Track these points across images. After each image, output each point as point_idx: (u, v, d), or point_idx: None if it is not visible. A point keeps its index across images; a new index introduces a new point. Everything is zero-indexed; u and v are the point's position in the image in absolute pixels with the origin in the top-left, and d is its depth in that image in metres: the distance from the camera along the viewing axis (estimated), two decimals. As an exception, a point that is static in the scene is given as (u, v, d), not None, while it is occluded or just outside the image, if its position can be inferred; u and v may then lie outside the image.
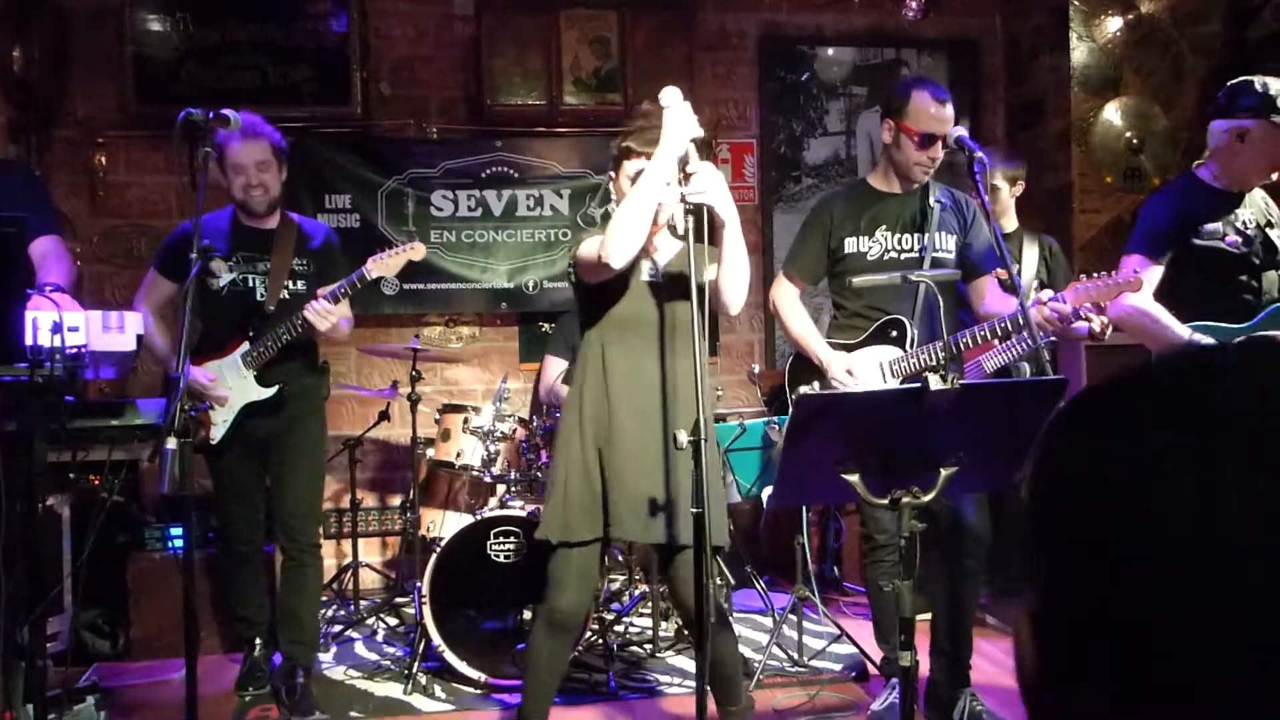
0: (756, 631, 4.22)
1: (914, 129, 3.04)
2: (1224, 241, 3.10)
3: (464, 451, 3.96)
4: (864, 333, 3.13)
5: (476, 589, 3.61)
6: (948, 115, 3.04)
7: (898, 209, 3.15)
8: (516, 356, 5.26)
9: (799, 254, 3.29)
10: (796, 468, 2.17)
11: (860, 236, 3.15)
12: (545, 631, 2.78)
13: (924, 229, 3.10)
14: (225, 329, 3.47)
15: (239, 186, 3.44)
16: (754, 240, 5.45)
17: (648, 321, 2.71)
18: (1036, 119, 5.47)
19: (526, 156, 5.15)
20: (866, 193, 3.22)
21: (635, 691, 3.62)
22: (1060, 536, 0.54)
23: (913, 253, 3.10)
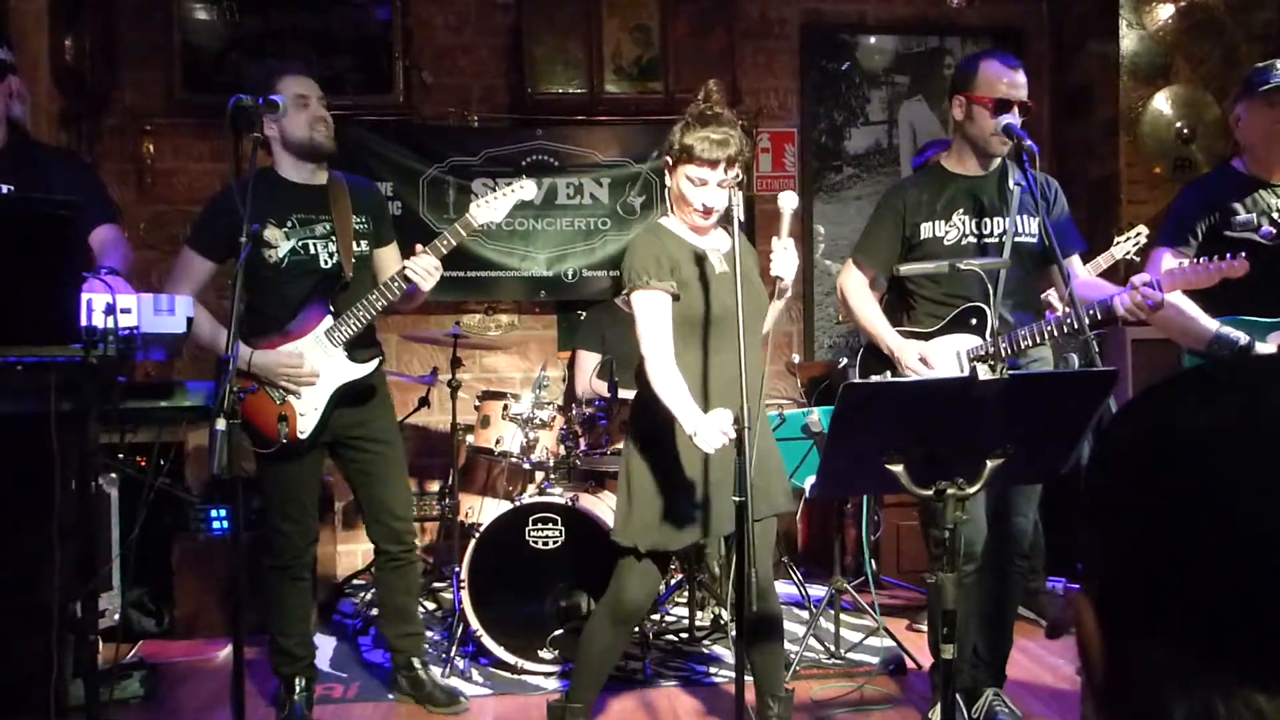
0: (793, 623, 4.21)
1: (987, 96, 2.90)
2: (1258, 233, 3.04)
3: (503, 438, 3.98)
4: (942, 320, 2.99)
5: (514, 575, 3.63)
6: (1021, 81, 2.93)
7: (975, 191, 3.01)
8: (555, 344, 5.27)
9: (871, 241, 3.13)
10: (840, 458, 2.16)
11: (937, 221, 3.00)
12: (610, 624, 2.80)
13: (1004, 212, 2.97)
14: (292, 305, 3.09)
15: (304, 122, 3.06)
16: (794, 230, 5.40)
17: (710, 314, 2.69)
18: (1083, 108, 5.39)
19: (567, 145, 5.16)
20: (941, 175, 3.07)
21: (672, 679, 3.63)
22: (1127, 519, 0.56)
23: (993, 237, 2.97)
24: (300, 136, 3.09)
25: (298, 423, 3.09)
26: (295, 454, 3.12)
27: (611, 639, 2.81)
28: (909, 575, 4.71)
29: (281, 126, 3.08)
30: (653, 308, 2.63)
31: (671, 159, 2.69)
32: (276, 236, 3.09)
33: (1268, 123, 3.04)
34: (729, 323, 2.60)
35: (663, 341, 2.61)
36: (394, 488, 3.30)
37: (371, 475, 3.27)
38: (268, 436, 3.09)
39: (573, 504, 3.62)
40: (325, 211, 3.15)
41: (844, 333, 5.38)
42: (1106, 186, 5.15)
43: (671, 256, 2.66)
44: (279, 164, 3.17)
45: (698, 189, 2.65)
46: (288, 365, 3.06)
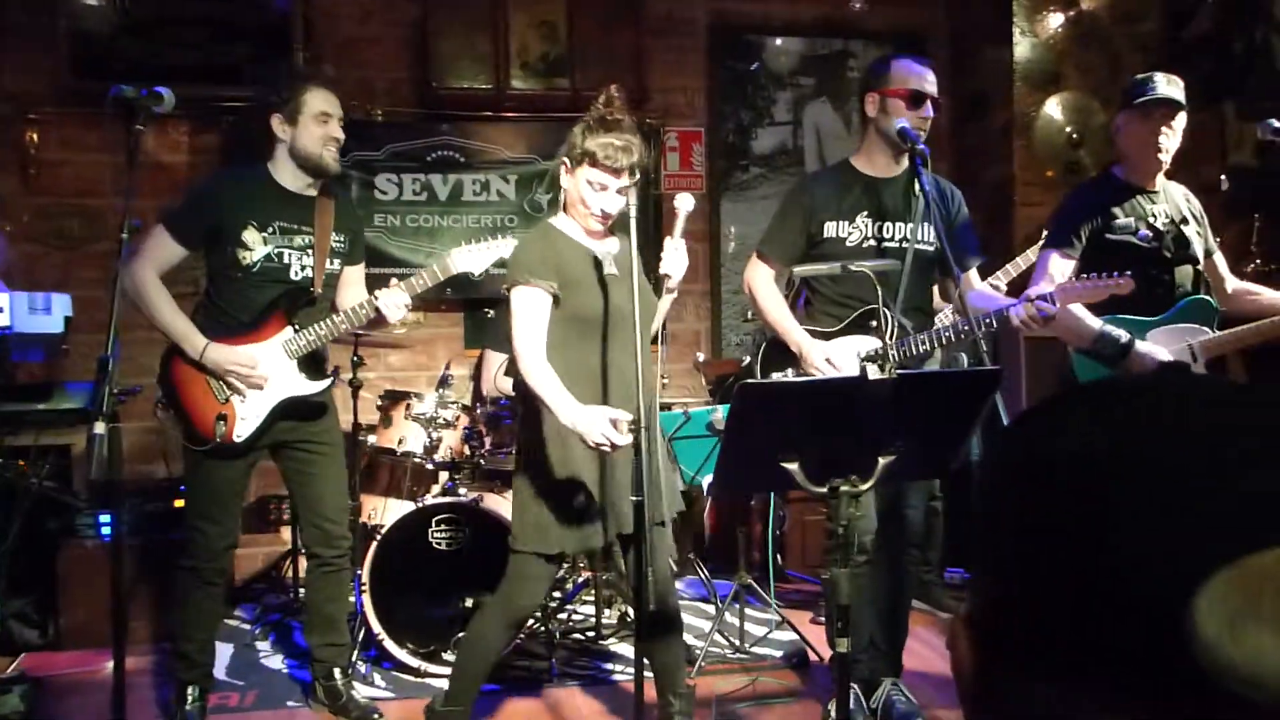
0: (699, 618, 4.24)
1: (901, 89, 2.97)
2: (1135, 236, 3.17)
3: (406, 438, 3.92)
4: (842, 321, 3.02)
5: (417, 577, 3.58)
6: (931, 78, 3.01)
7: (881, 193, 3.05)
8: (461, 343, 5.22)
9: (777, 235, 3.14)
10: (737, 457, 2.18)
11: (841, 221, 3.03)
12: (500, 625, 2.78)
13: (907, 217, 3.02)
14: (256, 309, 3.06)
15: (319, 138, 3.04)
16: (702, 229, 5.46)
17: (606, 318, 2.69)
18: (980, 112, 5.54)
19: (473, 141, 5.10)
20: (850, 174, 3.10)
21: (578, 679, 3.62)
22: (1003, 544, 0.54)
23: (893, 242, 3.01)
24: (311, 151, 3.07)
25: (236, 425, 3.04)
26: (227, 455, 3.07)
27: (499, 640, 2.79)
28: (813, 569, 4.78)
29: (294, 135, 3.06)
30: (529, 305, 2.63)
31: (571, 161, 2.68)
32: (254, 240, 3.05)
33: (1144, 133, 3.16)
34: (622, 325, 2.62)
35: (536, 339, 2.60)
36: (332, 490, 3.27)
37: (311, 475, 3.23)
38: (202, 433, 3.04)
39: (476, 504, 3.59)
40: (309, 224, 3.12)
41: (751, 330, 5.44)
42: (1002, 189, 5.31)
43: (559, 257, 2.66)
44: (277, 168, 3.13)
45: (597, 194, 2.65)
46: (241, 364, 3.01)
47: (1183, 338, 3.16)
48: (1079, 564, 0.49)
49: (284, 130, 3.07)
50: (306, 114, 3.04)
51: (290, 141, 3.08)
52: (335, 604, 3.33)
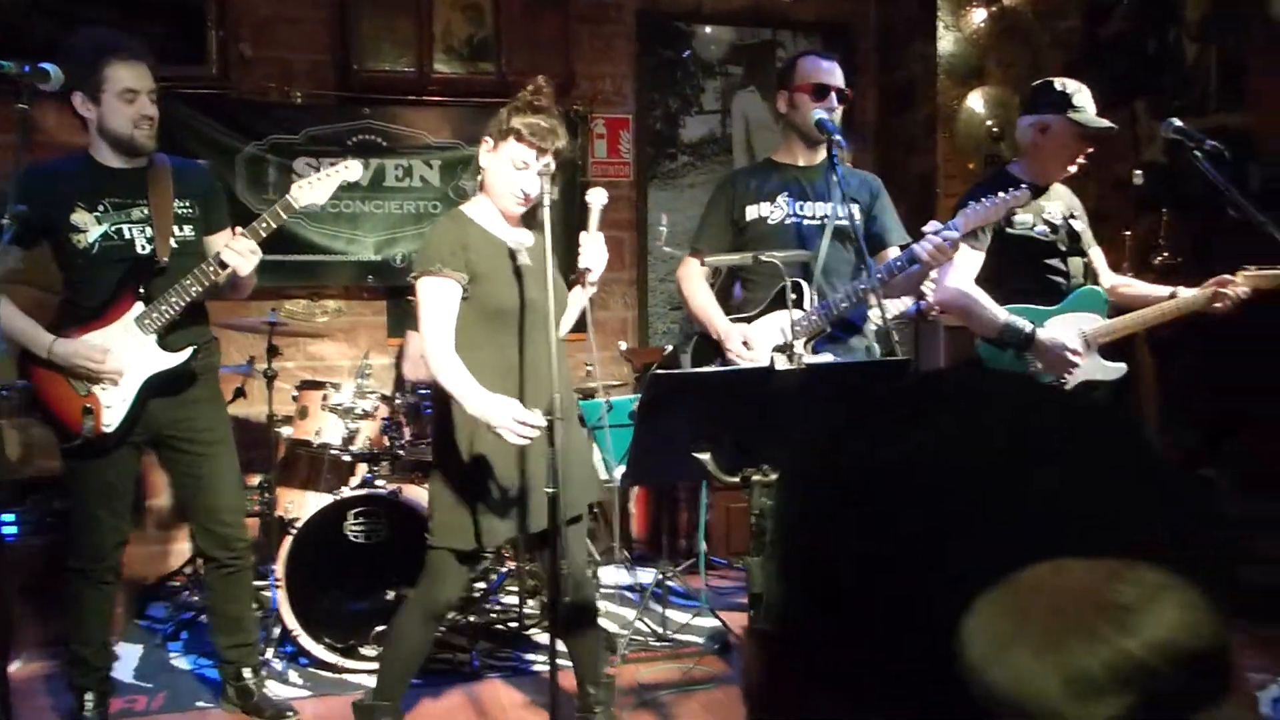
0: (623, 607, 4.24)
1: (806, 83, 3.11)
2: (1034, 231, 3.28)
3: (323, 429, 3.84)
4: (765, 301, 3.09)
5: (334, 571, 3.52)
6: (836, 71, 3.15)
7: (801, 178, 3.17)
8: (384, 331, 5.13)
9: (704, 230, 3.26)
10: (649, 446, 2.17)
11: (762, 202, 3.14)
12: (421, 621, 2.73)
13: (827, 197, 3.13)
14: (103, 292, 2.91)
15: (128, 117, 2.86)
16: (629, 217, 5.44)
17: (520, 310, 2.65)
18: (906, 105, 5.60)
19: (396, 125, 5.00)
20: (770, 165, 3.26)
21: (500, 670, 3.59)
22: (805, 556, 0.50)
23: (814, 219, 3.12)
24: (120, 131, 2.90)
25: (103, 415, 2.90)
26: (104, 449, 2.93)
27: (422, 636, 2.75)
28: (738, 555, 4.81)
29: (100, 114, 2.88)
30: (438, 296, 2.58)
31: (494, 138, 2.65)
32: (86, 221, 2.90)
33: (1073, 148, 3.25)
34: (536, 317, 2.59)
35: (444, 331, 2.56)
36: (223, 491, 3.12)
37: (198, 478, 3.09)
38: (71, 430, 2.90)
39: (395, 496, 3.53)
40: (142, 196, 2.97)
41: (678, 319, 5.44)
42: (926, 180, 5.38)
43: (471, 247, 2.61)
44: (94, 147, 2.96)
45: (518, 172, 2.62)
46: (87, 355, 2.87)
47: (1077, 325, 3.28)
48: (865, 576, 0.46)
49: (88, 109, 2.87)
50: (110, 91, 2.84)
51: (97, 121, 2.89)
52: (238, 604, 3.22)
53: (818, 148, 3.14)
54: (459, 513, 2.63)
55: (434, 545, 2.66)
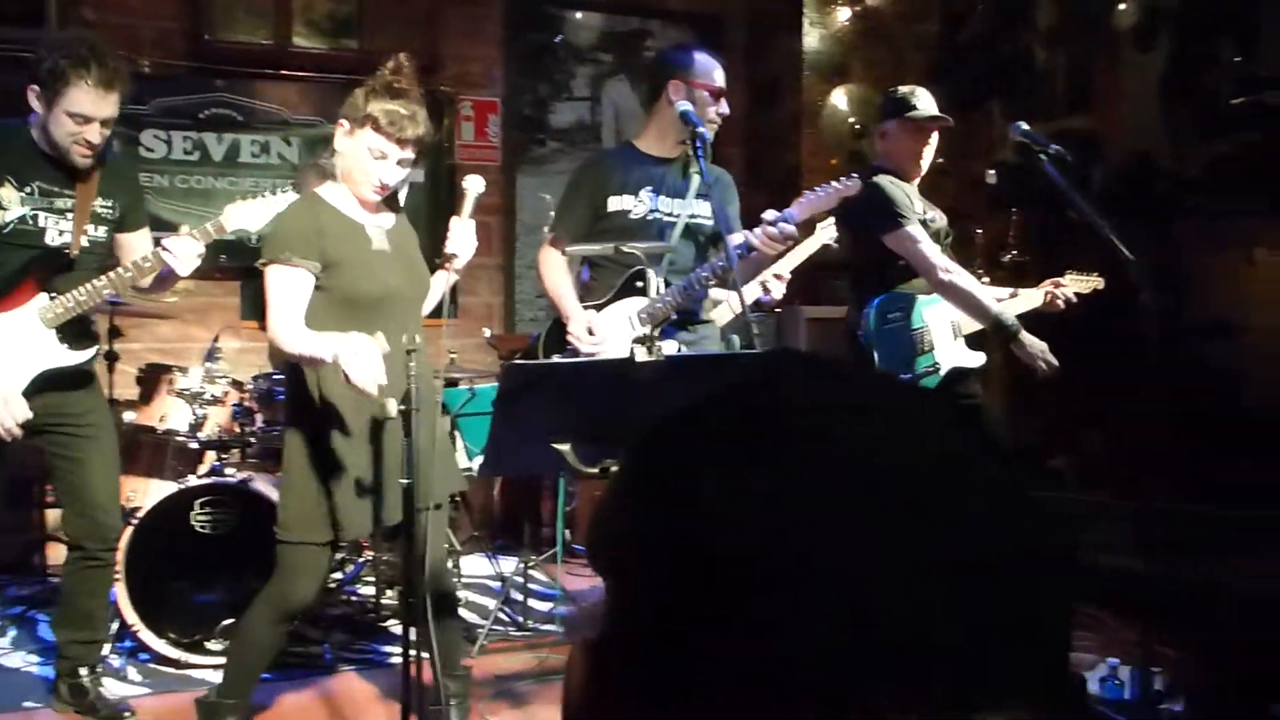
0: (484, 596, 4.20)
1: (709, 84, 3.12)
2: (927, 219, 3.49)
3: (168, 415, 3.67)
4: (613, 289, 3.11)
5: (179, 563, 3.37)
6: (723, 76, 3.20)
7: (663, 172, 3.19)
8: (238, 313, 4.93)
9: (565, 215, 3.24)
10: (506, 437, 2.15)
11: (625, 194, 3.14)
12: (272, 619, 2.63)
13: (684, 194, 3.16)
14: (5, 277, 2.78)
15: (67, 135, 2.72)
16: (497, 203, 5.37)
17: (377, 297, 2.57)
18: (772, 99, 5.70)
19: (252, 99, 4.81)
20: (633, 154, 3.24)
21: (354, 663, 3.51)
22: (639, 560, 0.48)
23: (671, 215, 3.16)
24: (60, 144, 2.75)
25: None
26: None
27: (272, 634, 2.66)
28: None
29: (46, 117, 2.73)
30: (287, 286, 2.48)
31: (351, 123, 2.55)
32: (10, 198, 2.77)
33: (911, 144, 3.49)
34: (393, 304, 2.53)
35: (295, 319, 2.47)
36: (103, 477, 3.00)
37: (78, 461, 2.97)
38: None
39: (245, 485, 3.41)
40: (71, 187, 2.85)
41: (545, 305, 5.41)
42: (790, 175, 5.49)
43: (325, 233, 2.53)
44: (36, 130, 2.80)
45: (376, 162, 2.54)
46: None
47: (949, 314, 3.49)
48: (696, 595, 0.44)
49: (38, 105, 2.74)
50: (60, 108, 2.71)
51: (42, 120, 2.76)
52: (95, 599, 3.07)
53: (683, 142, 3.16)
54: (313, 505, 2.55)
55: (286, 540, 2.57)
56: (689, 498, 0.45)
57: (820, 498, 0.44)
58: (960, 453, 0.47)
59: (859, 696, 0.41)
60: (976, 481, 0.46)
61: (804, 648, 0.41)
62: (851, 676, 0.41)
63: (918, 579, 0.42)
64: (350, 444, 2.54)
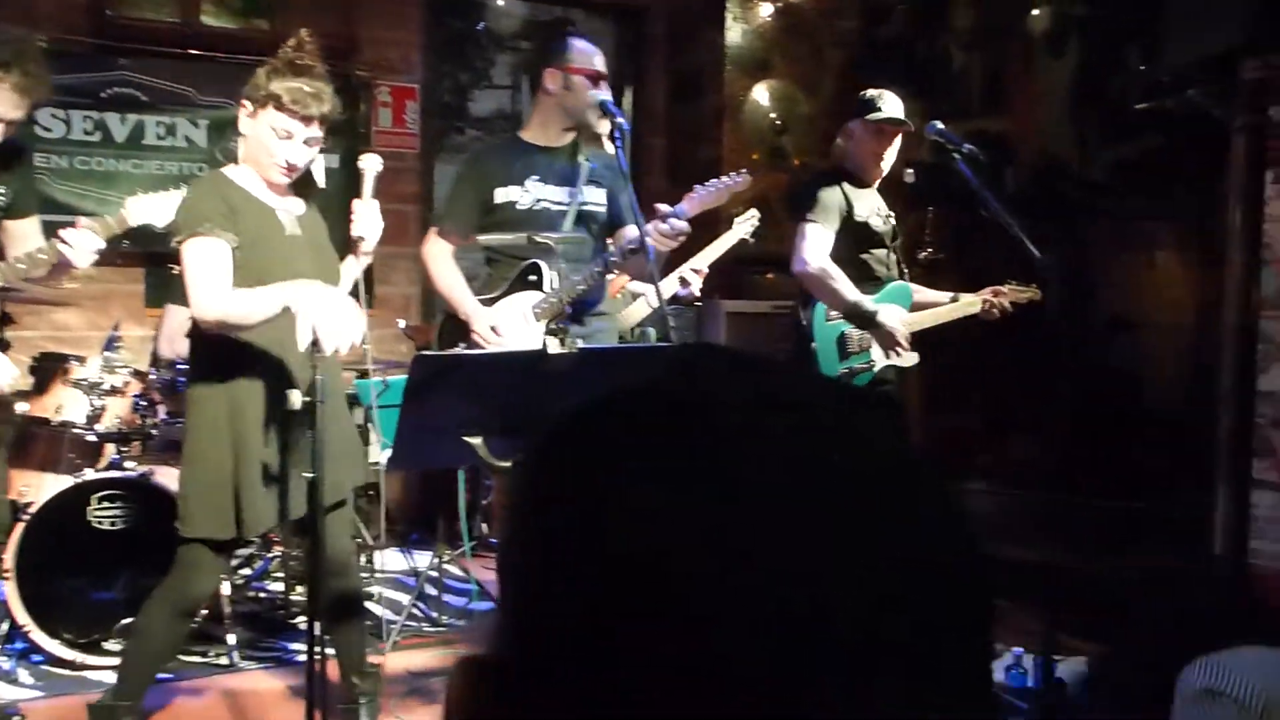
0: (398, 592, 4.13)
1: (587, 69, 3.09)
2: (870, 220, 3.61)
3: (64, 406, 3.51)
4: (508, 282, 3.08)
5: (74, 561, 3.24)
6: (604, 61, 3.16)
7: (549, 161, 3.15)
8: (141, 300, 4.75)
9: (452, 208, 3.20)
10: (415, 430, 2.10)
11: (511, 185, 3.10)
12: (170, 618, 2.54)
13: (574, 181, 3.13)
14: None
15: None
16: (415, 190, 5.28)
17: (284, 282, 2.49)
18: (694, 93, 5.70)
19: (158, 80, 4.63)
20: (518, 144, 3.21)
21: (261, 662, 3.42)
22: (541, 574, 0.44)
23: (562, 204, 3.12)
24: None
25: None
26: None
27: (170, 633, 2.57)
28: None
29: None
30: (209, 256, 2.40)
31: (253, 103, 2.47)
32: None
33: (873, 145, 3.57)
34: None
35: (224, 286, 2.38)
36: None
37: None
38: None
39: (145, 479, 3.29)
40: None
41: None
42: (711, 169, 5.49)
43: (236, 211, 2.45)
44: None
45: (282, 142, 2.46)
46: None
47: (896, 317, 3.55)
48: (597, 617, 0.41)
49: None
50: None
51: None
52: None
53: (571, 129, 3.15)
54: (213, 499, 2.46)
55: (185, 536, 2.48)
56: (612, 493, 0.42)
57: (761, 494, 0.41)
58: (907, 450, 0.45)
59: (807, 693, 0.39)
60: (927, 479, 0.45)
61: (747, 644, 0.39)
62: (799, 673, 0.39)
63: (869, 576, 0.40)
64: (254, 436, 2.46)
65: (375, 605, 3.98)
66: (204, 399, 2.47)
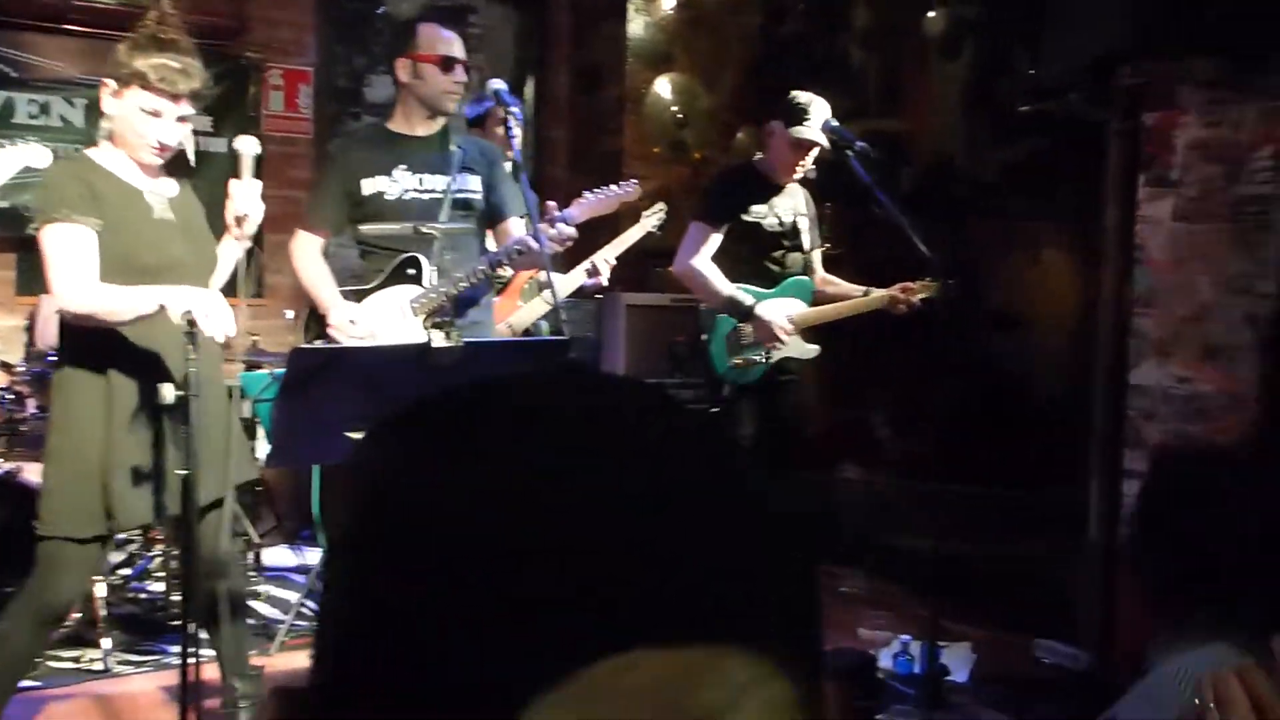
0: (287, 590, 4.02)
1: (433, 54, 3.01)
2: (764, 222, 3.64)
3: (-78, 399, 3.32)
4: (383, 274, 3.00)
5: (-69, 563, 3.06)
6: (459, 42, 3.09)
7: (419, 150, 3.07)
8: (12, 288, 4.52)
9: (317, 201, 3.13)
10: (293, 427, 2.04)
11: (379, 176, 3.02)
12: (31, 625, 2.41)
13: (446, 169, 3.07)
14: None
15: None
16: (308, 177, 5.12)
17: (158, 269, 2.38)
18: (596, 84, 5.68)
19: (29, 54, 4.40)
20: (385, 135, 3.13)
21: (138, 666, 3.28)
22: None
23: (436, 193, 3.04)
24: None
25: None
26: None
27: (31, 641, 2.44)
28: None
29: None
30: (71, 243, 2.28)
31: (118, 82, 2.36)
32: None
33: (790, 156, 3.61)
34: (174, 276, 2.35)
35: (89, 276, 2.27)
36: None
37: None
38: None
39: (12, 476, 3.13)
40: None
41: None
42: (613, 161, 5.49)
43: (99, 195, 2.33)
44: None
45: (151, 121, 2.36)
46: None
47: (785, 309, 3.62)
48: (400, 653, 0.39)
49: None
50: None
51: None
52: None
53: (436, 117, 3.09)
54: (78, 494, 2.35)
55: (45, 535, 2.36)
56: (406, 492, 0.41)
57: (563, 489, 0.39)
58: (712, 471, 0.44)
59: None
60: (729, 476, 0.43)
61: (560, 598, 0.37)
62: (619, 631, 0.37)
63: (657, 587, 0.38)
64: (124, 428, 2.35)
65: (262, 604, 3.87)
66: (71, 387, 2.35)
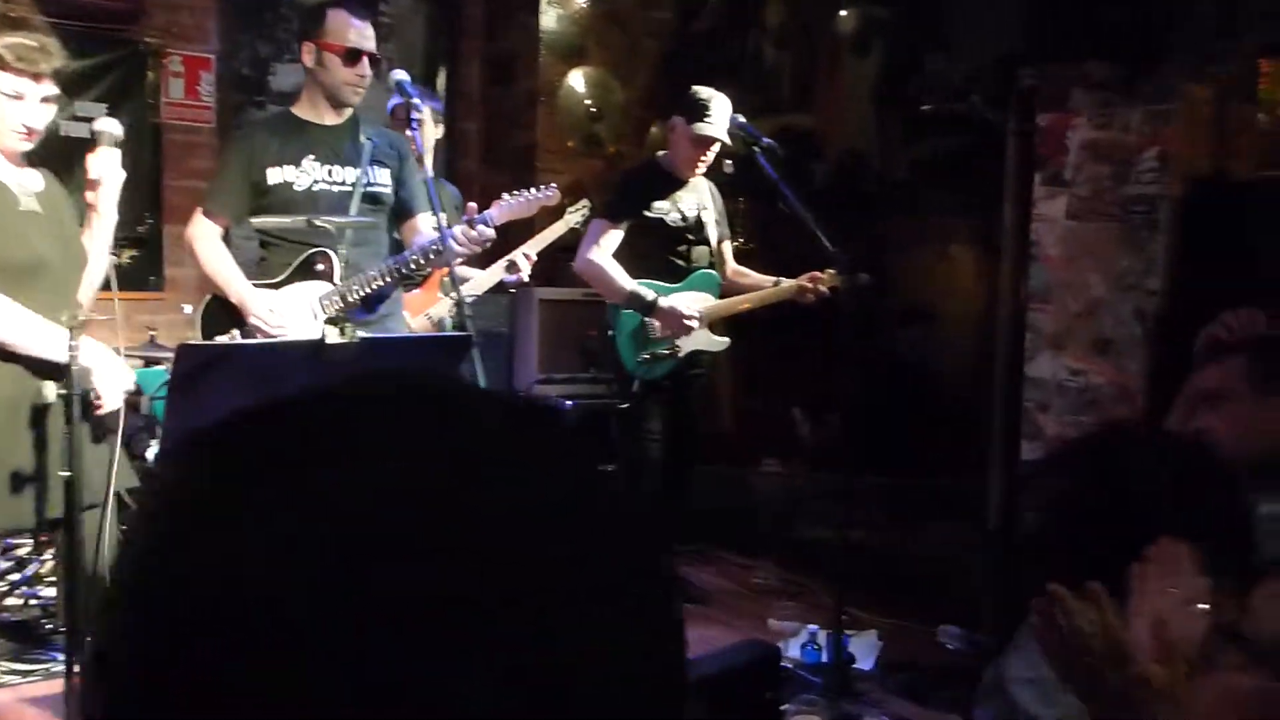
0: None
1: (337, 45, 2.91)
2: (667, 217, 3.67)
3: None
4: (289, 269, 2.93)
5: None
6: (370, 33, 2.99)
7: (328, 140, 3.00)
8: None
9: (218, 187, 3.03)
10: (182, 425, 1.98)
11: (286, 166, 2.93)
12: None
13: (356, 161, 3.00)
14: None
15: None
16: (210, 167, 4.97)
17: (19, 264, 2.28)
18: (508, 77, 5.63)
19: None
20: (293, 122, 3.03)
21: (24, 675, 3.15)
22: None
23: (345, 185, 2.97)
24: None
25: None
26: None
27: None
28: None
29: None
30: None
31: None
32: None
33: (692, 152, 3.64)
34: (44, 273, 2.25)
35: None
36: None
37: None
38: None
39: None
40: None
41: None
42: (526, 155, 5.45)
43: None
44: None
45: (14, 104, 2.25)
46: None
47: (692, 303, 3.67)
48: None
49: None
50: None
51: None
52: None
53: (344, 107, 3.02)
54: None
55: None
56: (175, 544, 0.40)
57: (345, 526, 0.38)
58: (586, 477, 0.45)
59: None
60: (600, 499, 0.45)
61: None
62: None
63: None
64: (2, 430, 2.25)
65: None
66: None
